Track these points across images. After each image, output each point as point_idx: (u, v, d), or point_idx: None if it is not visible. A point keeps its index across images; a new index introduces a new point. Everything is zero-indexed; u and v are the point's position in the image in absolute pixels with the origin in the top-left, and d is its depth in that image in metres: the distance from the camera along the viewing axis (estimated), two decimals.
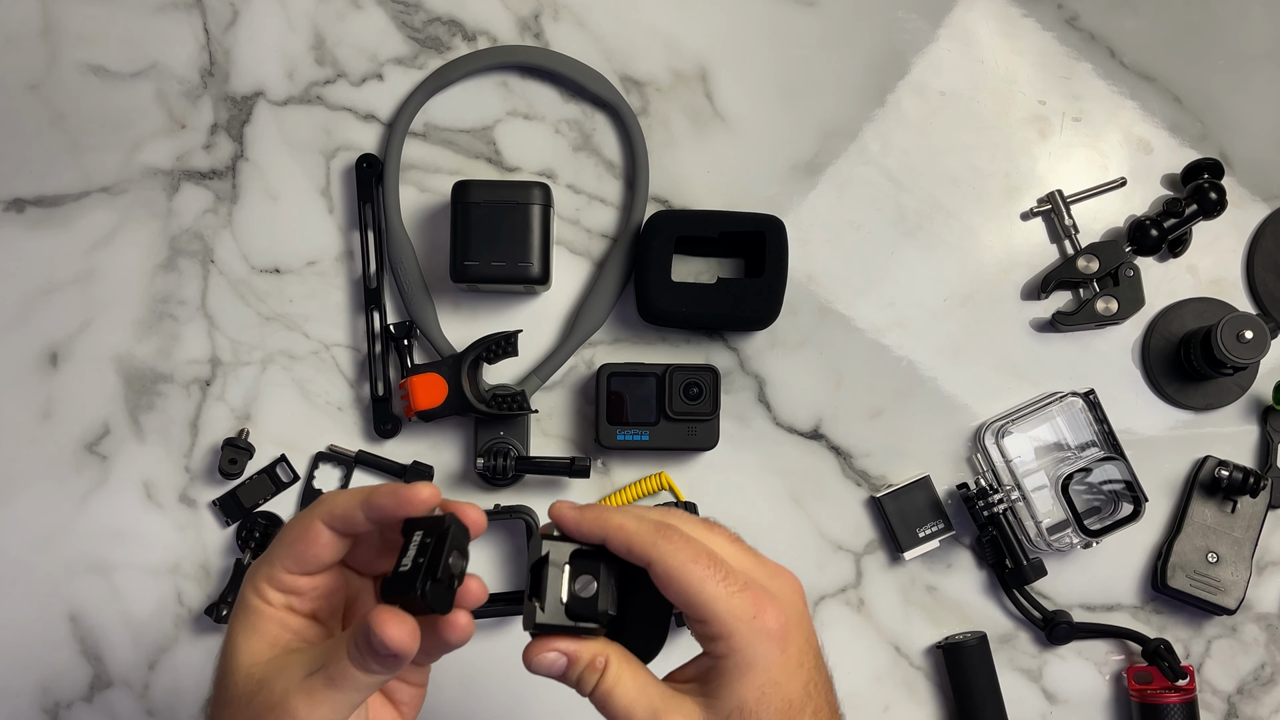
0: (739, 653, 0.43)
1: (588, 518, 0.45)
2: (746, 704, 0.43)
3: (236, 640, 0.44)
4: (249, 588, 0.45)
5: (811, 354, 0.81)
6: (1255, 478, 0.76)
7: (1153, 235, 0.78)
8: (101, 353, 0.79)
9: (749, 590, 0.43)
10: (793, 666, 0.43)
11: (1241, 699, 0.79)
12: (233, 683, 0.44)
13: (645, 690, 0.44)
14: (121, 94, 0.81)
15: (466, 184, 0.75)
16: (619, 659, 0.45)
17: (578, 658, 0.44)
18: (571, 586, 0.45)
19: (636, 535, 0.44)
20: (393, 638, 0.40)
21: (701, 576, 0.43)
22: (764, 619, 0.43)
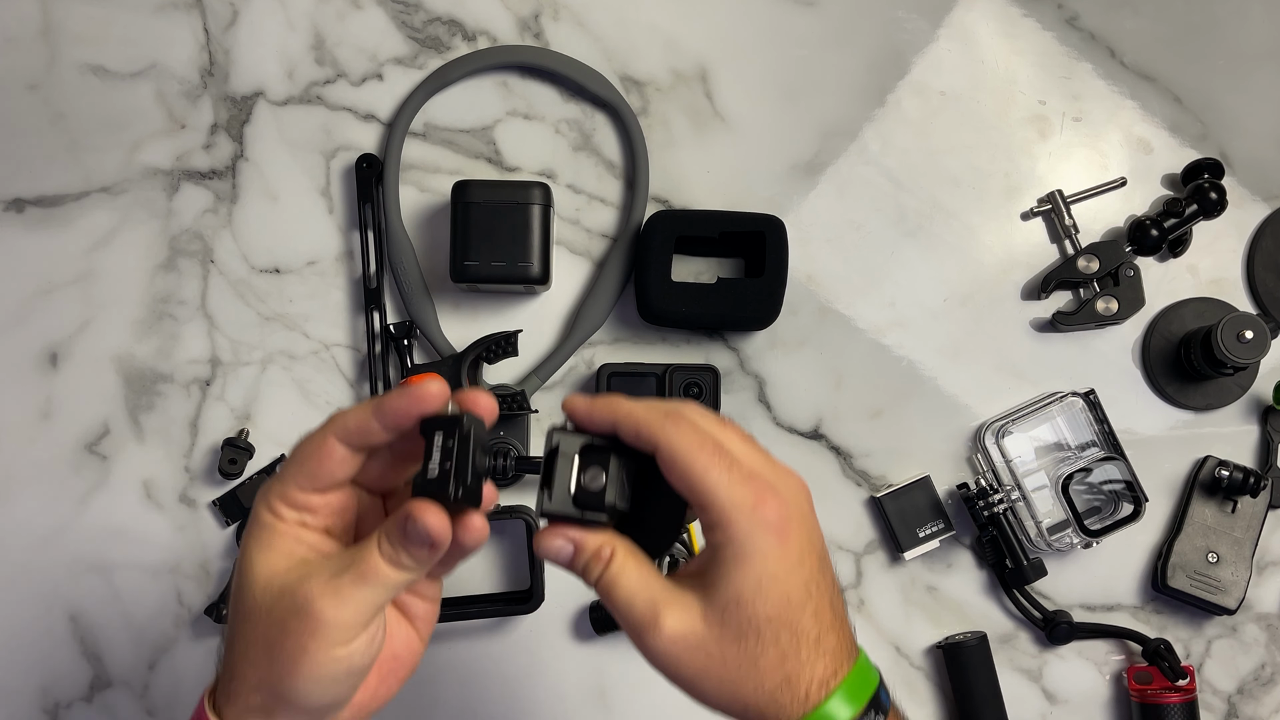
0: (736, 542, 0.43)
1: (598, 406, 0.45)
2: (743, 595, 0.42)
3: (252, 556, 0.44)
4: (262, 505, 0.45)
5: (811, 354, 0.81)
6: (1255, 478, 0.76)
7: (1153, 235, 0.78)
8: (101, 353, 0.79)
9: (752, 482, 0.43)
10: (792, 562, 0.43)
11: (1242, 699, 0.79)
12: (250, 596, 0.44)
13: (647, 582, 0.44)
14: (121, 94, 0.81)
15: (466, 184, 0.75)
16: (625, 551, 0.45)
17: (584, 546, 0.45)
18: (580, 478, 0.45)
19: (645, 420, 0.44)
20: (434, 525, 0.42)
21: (705, 464, 0.43)
22: (764, 510, 0.43)
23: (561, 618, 0.79)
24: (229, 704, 0.45)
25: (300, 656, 0.42)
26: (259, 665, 0.43)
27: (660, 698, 0.78)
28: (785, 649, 0.43)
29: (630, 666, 0.78)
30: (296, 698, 0.43)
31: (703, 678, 0.44)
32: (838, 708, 0.43)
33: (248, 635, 0.44)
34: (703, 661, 0.43)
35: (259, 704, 0.44)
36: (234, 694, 0.44)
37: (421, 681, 0.78)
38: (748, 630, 0.43)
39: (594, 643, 0.79)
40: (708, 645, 0.43)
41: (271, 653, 0.43)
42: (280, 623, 0.43)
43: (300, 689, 0.43)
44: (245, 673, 0.44)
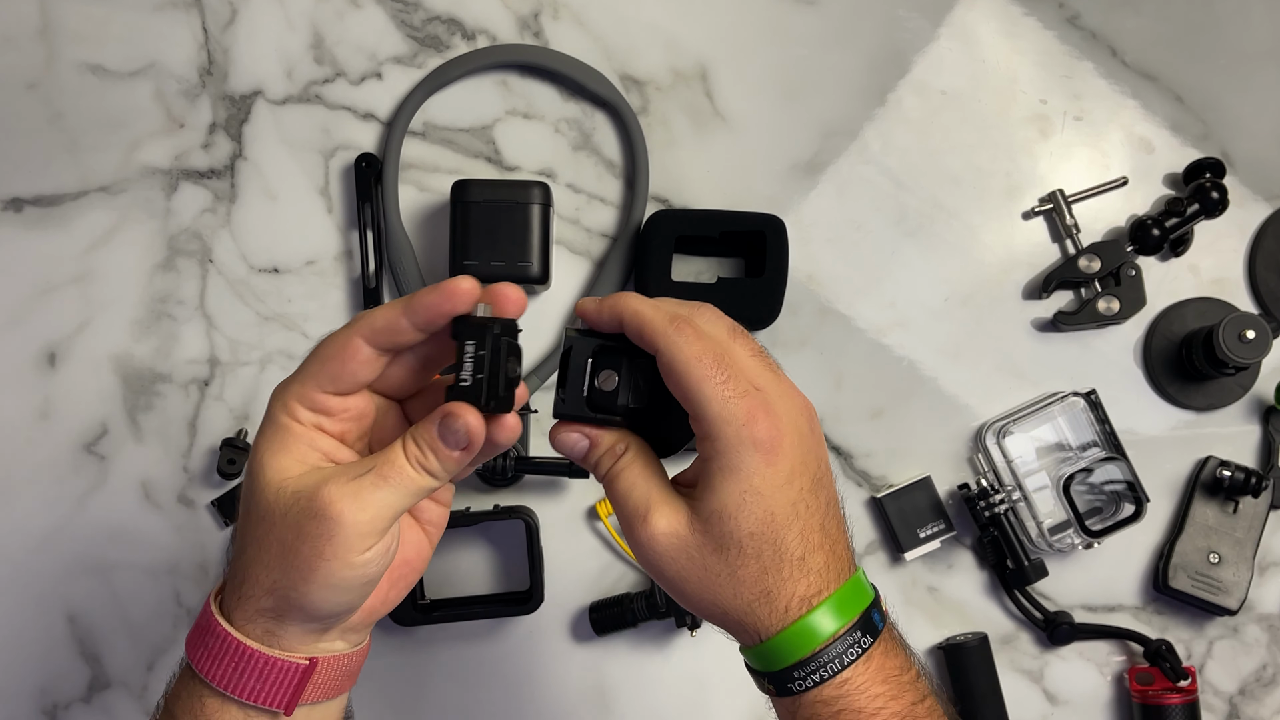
0: (723, 456, 0.43)
1: (606, 305, 0.45)
2: (726, 508, 0.43)
3: (264, 458, 0.44)
4: (277, 405, 0.44)
5: (812, 354, 0.80)
6: (1257, 478, 0.76)
7: (1154, 235, 0.78)
8: (100, 353, 0.79)
9: (747, 398, 0.43)
10: (780, 480, 0.43)
11: (1243, 700, 0.79)
12: (263, 499, 0.43)
13: (647, 482, 0.45)
14: (120, 93, 0.81)
15: (466, 183, 0.75)
16: (636, 450, 0.46)
17: (598, 442, 0.47)
18: (593, 379, 0.46)
19: (649, 322, 0.44)
20: (473, 425, 0.42)
21: (701, 375, 0.43)
22: (754, 428, 0.43)
23: (561, 618, 0.79)
24: (238, 606, 0.44)
25: (316, 562, 0.42)
26: (271, 569, 0.43)
27: (659, 698, 0.78)
28: (766, 564, 0.43)
29: (630, 667, 0.78)
30: (309, 604, 0.43)
31: (684, 579, 0.45)
32: (821, 621, 0.44)
33: (260, 538, 0.43)
34: (684, 564, 0.44)
35: (269, 607, 0.44)
36: (244, 596, 0.44)
37: (421, 682, 0.78)
38: (728, 542, 0.43)
39: (594, 643, 0.79)
40: (689, 550, 0.44)
41: (286, 557, 0.42)
42: (296, 527, 0.42)
43: (314, 595, 0.43)
44: (257, 575, 0.44)
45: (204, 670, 0.44)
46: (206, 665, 0.44)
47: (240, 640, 0.44)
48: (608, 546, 0.79)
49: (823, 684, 0.44)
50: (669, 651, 0.78)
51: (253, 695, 0.44)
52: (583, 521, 0.79)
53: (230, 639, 0.44)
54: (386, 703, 0.78)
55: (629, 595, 0.77)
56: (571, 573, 0.78)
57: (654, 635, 0.78)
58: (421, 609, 0.75)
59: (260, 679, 0.44)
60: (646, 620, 0.76)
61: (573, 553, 0.79)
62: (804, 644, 0.44)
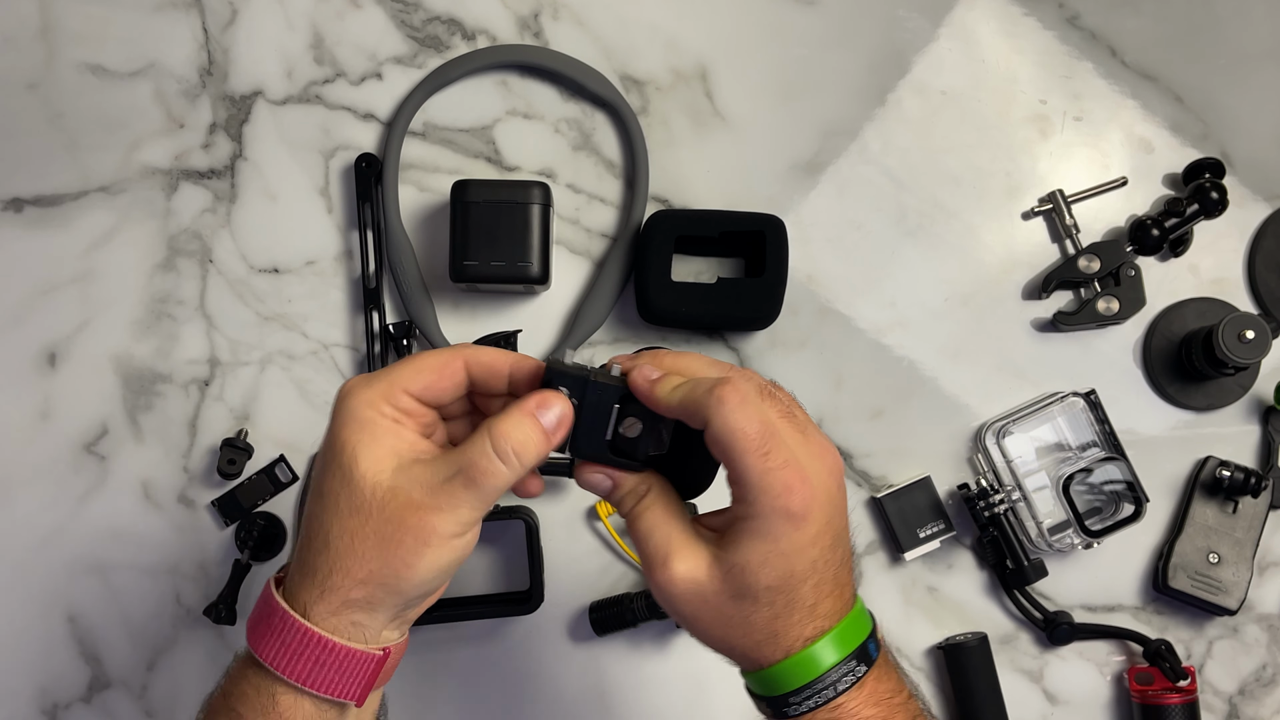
0: (756, 520, 0.45)
1: (659, 393, 0.47)
2: (749, 564, 0.45)
3: (356, 450, 0.45)
4: (358, 402, 0.46)
5: (812, 354, 0.81)
6: (1256, 478, 0.76)
7: (1154, 235, 0.78)
8: (100, 353, 0.79)
9: (786, 469, 0.45)
10: (804, 544, 0.45)
11: (1243, 700, 0.79)
12: (358, 491, 0.45)
13: (667, 525, 0.47)
14: (120, 93, 0.81)
15: (466, 183, 0.75)
16: (659, 492, 0.49)
17: (621, 483, 0.49)
18: (616, 426, 0.48)
19: (693, 398, 0.46)
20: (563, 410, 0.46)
21: (744, 448, 0.44)
22: (789, 499, 0.45)
23: (561, 619, 0.79)
24: (321, 599, 0.45)
25: (422, 550, 0.44)
26: (368, 559, 0.45)
27: (659, 698, 0.78)
28: (778, 611, 0.46)
29: (630, 667, 0.78)
30: (410, 589, 0.46)
31: (696, 620, 0.47)
32: (822, 654, 0.46)
33: (354, 530, 0.45)
34: (699, 607, 0.47)
35: (361, 597, 0.45)
36: (331, 588, 0.45)
37: (421, 682, 0.78)
38: (745, 593, 0.46)
39: (594, 644, 0.79)
40: (706, 595, 0.46)
41: (387, 548, 0.44)
42: (398, 519, 0.44)
43: (417, 580, 0.45)
44: (349, 567, 0.45)
45: (280, 666, 0.45)
46: (283, 660, 0.45)
47: (321, 635, 0.45)
48: (608, 546, 0.79)
49: (818, 709, 0.46)
50: (669, 651, 0.78)
51: (331, 688, 0.46)
52: (583, 521, 0.79)
53: (311, 634, 0.45)
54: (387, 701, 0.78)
55: (629, 595, 0.77)
56: (571, 573, 0.79)
57: (654, 635, 0.78)
58: None
59: (340, 671, 0.46)
60: (646, 620, 0.76)
61: (573, 553, 0.79)
62: (803, 674, 0.46)
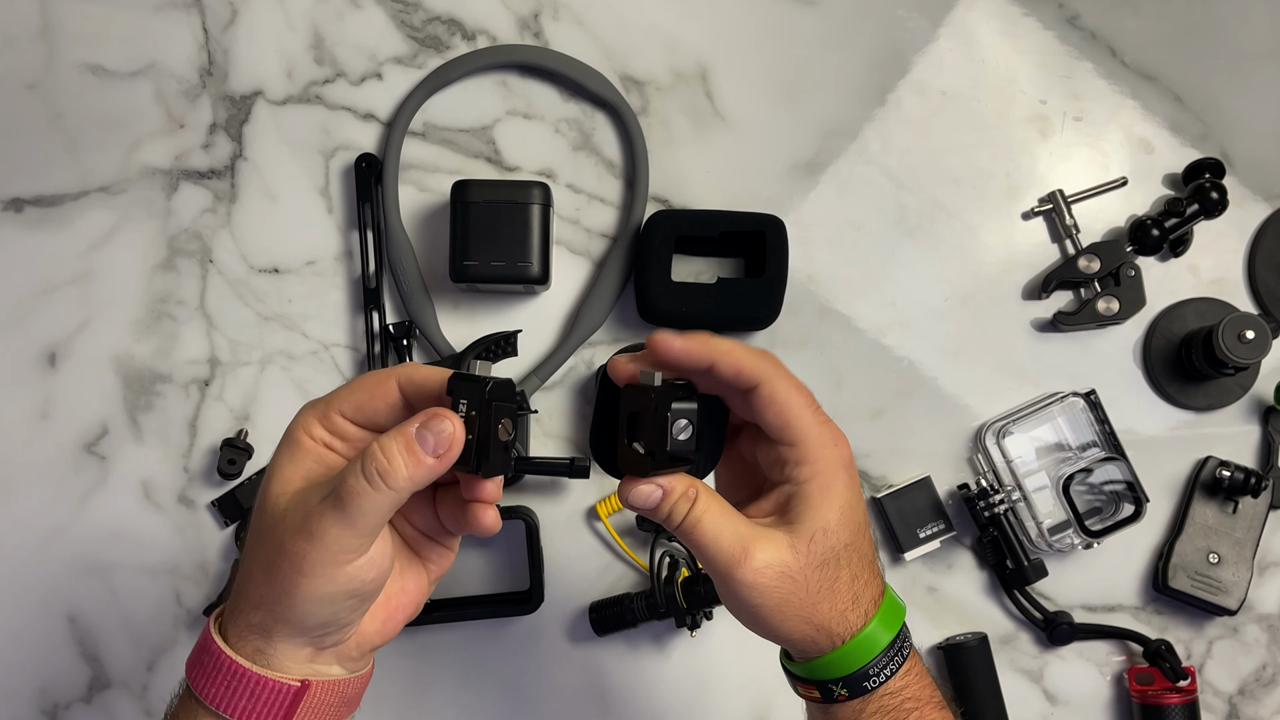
0: (822, 476, 0.46)
1: (695, 346, 0.46)
2: (830, 523, 0.46)
3: (273, 472, 0.45)
4: (297, 424, 0.46)
5: (812, 354, 0.81)
6: (1256, 478, 0.76)
7: (1154, 235, 0.78)
8: (100, 353, 0.79)
9: (829, 425, 0.47)
10: (857, 496, 0.47)
11: (1243, 700, 0.79)
12: (263, 513, 0.44)
13: (732, 520, 0.47)
14: (120, 93, 0.81)
15: (466, 183, 0.75)
16: (705, 493, 0.48)
17: (672, 490, 0.47)
18: (671, 431, 0.46)
19: (746, 359, 0.46)
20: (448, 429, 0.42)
21: (800, 404, 0.46)
22: (842, 449, 0.47)
23: (561, 619, 0.79)
24: (231, 623, 0.45)
25: (298, 578, 0.42)
26: (259, 583, 0.44)
27: (659, 698, 0.78)
28: (855, 570, 0.47)
29: (630, 667, 0.78)
30: (293, 616, 0.43)
31: (784, 604, 0.46)
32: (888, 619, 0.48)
33: (255, 551, 0.44)
34: (788, 588, 0.46)
35: (258, 622, 0.44)
36: (237, 612, 0.45)
37: (421, 683, 0.78)
38: (829, 557, 0.46)
39: (594, 644, 0.79)
40: (793, 572, 0.46)
41: (271, 570, 0.43)
42: (280, 540, 0.43)
43: (299, 608, 0.43)
44: (248, 590, 0.44)
45: (199, 689, 0.45)
46: (201, 683, 0.45)
47: (231, 658, 0.44)
48: (608, 547, 0.79)
49: (893, 676, 0.47)
50: (669, 651, 0.78)
51: (245, 716, 0.44)
52: (583, 521, 0.79)
53: (223, 656, 0.44)
54: (387, 702, 0.78)
55: (629, 595, 0.77)
56: (571, 573, 0.79)
57: (654, 635, 0.78)
58: (422, 609, 0.75)
59: (252, 699, 0.44)
60: (646, 620, 0.76)
61: (573, 553, 0.79)
62: (878, 641, 0.47)
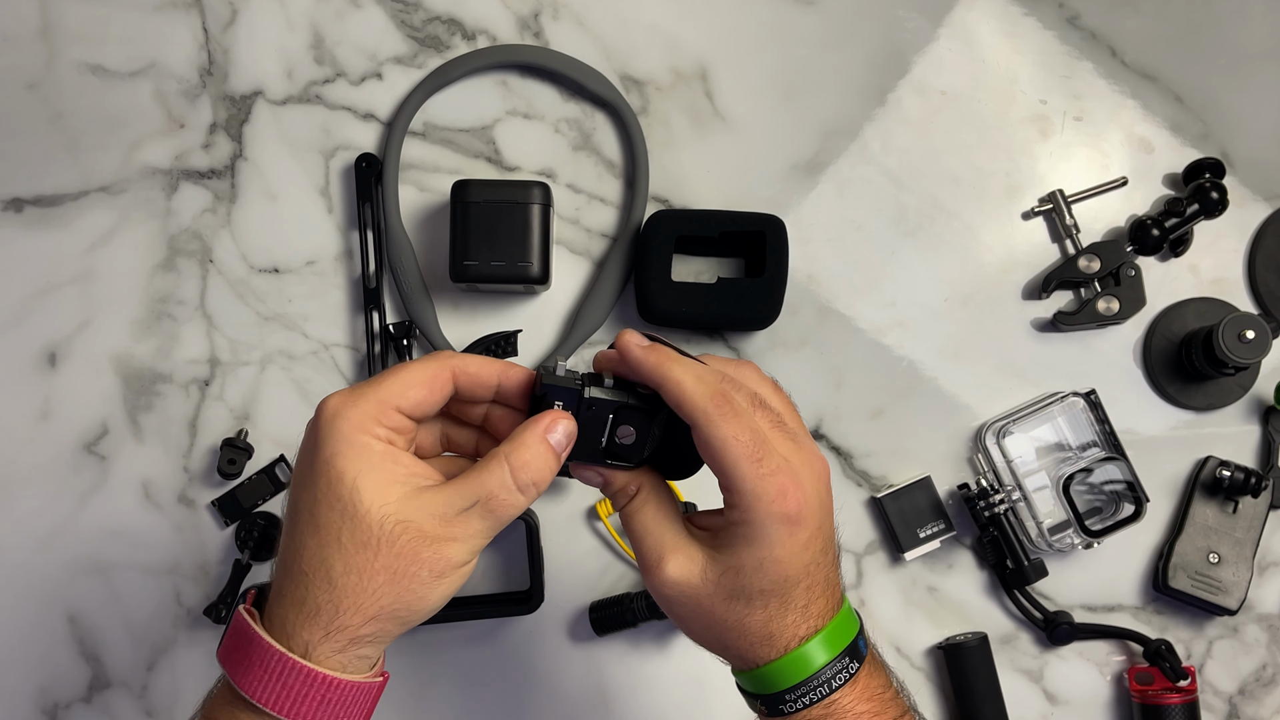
0: (751, 525, 0.45)
1: (650, 361, 0.46)
2: (745, 567, 0.46)
3: (357, 482, 0.44)
4: (349, 425, 0.45)
5: (812, 354, 0.80)
6: (1257, 478, 0.76)
7: (1154, 235, 0.78)
8: (100, 353, 0.79)
9: (779, 475, 0.45)
10: (797, 548, 0.46)
11: (1243, 700, 0.79)
12: (364, 524, 0.44)
13: (660, 527, 0.48)
14: (120, 93, 0.81)
15: (466, 183, 0.75)
16: (650, 489, 0.49)
17: (612, 481, 0.50)
18: (612, 434, 0.48)
19: (690, 396, 0.45)
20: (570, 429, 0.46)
21: (737, 455, 0.44)
22: (784, 503, 0.45)
23: (561, 619, 0.79)
24: (329, 638, 0.44)
25: (437, 583, 0.44)
26: (381, 596, 0.44)
27: (659, 698, 0.78)
28: (772, 614, 0.46)
29: (630, 667, 0.78)
30: (420, 618, 0.46)
31: (690, 620, 0.48)
32: (815, 653, 0.47)
33: (362, 566, 0.44)
34: (692, 608, 0.47)
35: (373, 632, 0.45)
36: (339, 627, 0.44)
37: (421, 683, 0.78)
38: (739, 595, 0.46)
39: (594, 644, 0.79)
40: (699, 597, 0.46)
41: (399, 582, 0.44)
42: (411, 553, 0.44)
43: (429, 611, 0.45)
44: (361, 604, 0.44)
45: (283, 709, 0.44)
46: (286, 703, 0.44)
47: (328, 675, 0.44)
48: (608, 546, 0.79)
49: (812, 705, 0.46)
50: (669, 651, 0.78)
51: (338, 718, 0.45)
52: (583, 521, 0.79)
53: (317, 675, 0.44)
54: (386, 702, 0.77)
55: (629, 595, 0.77)
56: (571, 573, 0.78)
57: (654, 635, 0.78)
58: None
59: (345, 706, 0.45)
60: (646, 620, 0.76)
61: (573, 553, 0.79)
62: (798, 672, 0.46)
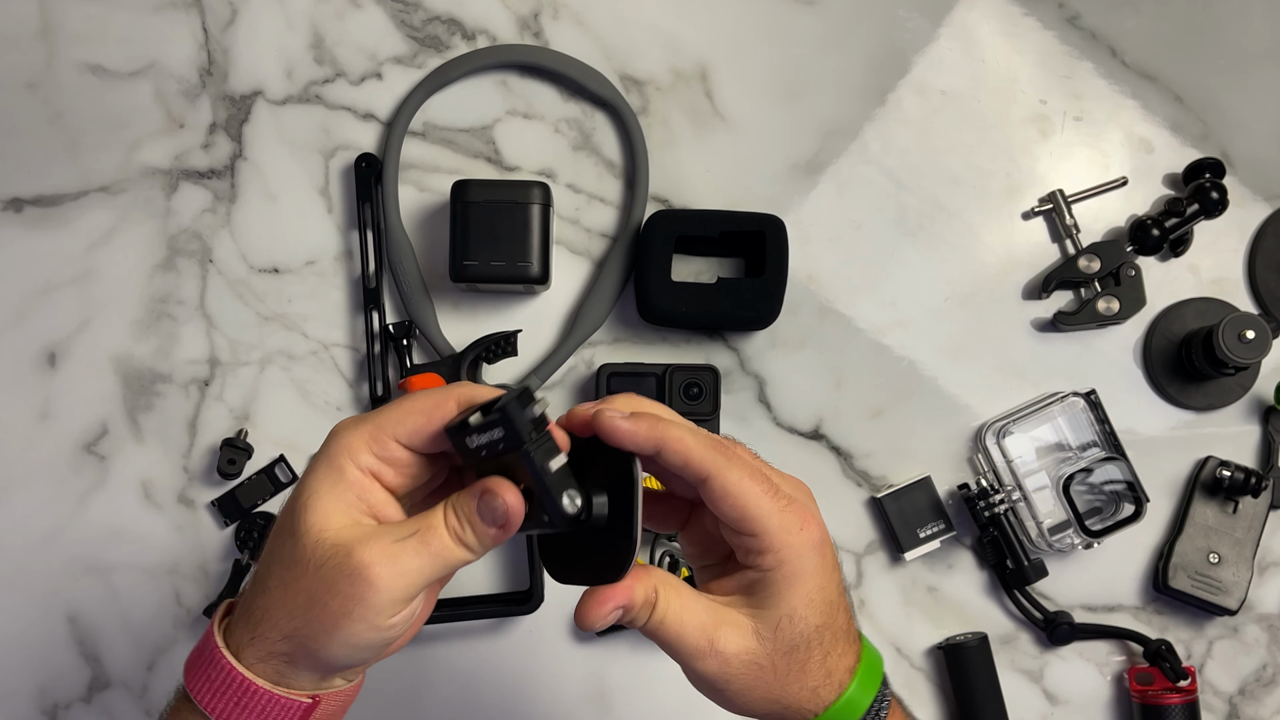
0: (789, 564, 0.44)
1: (643, 432, 0.44)
2: (796, 610, 0.44)
3: (310, 499, 0.43)
4: (339, 446, 0.43)
5: (812, 354, 0.80)
6: (1257, 478, 0.76)
7: (1154, 235, 0.78)
8: (100, 353, 0.79)
9: (793, 505, 0.44)
10: (830, 570, 0.46)
11: (1243, 700, 0.79)
12: (302, 543, 0.42)
13: (694, 611, 0.45)
14: (120, 93, 0.81)
15: (466, 183, 0.75)
16: (665, 586, 0.45)
17: (633, 603, 0.44)
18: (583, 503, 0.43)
19: (696, 450, 0.44)
20: (511, 504, 0.41)
21: (756, 493, 0.44)
22: (809, 531, 0.44)
23: (561, 618, 0.79)
24: (250, 645, 0.44)
25: (343, 620, 0.42)
26: (294, 616, 0.43)
27: (660, 699, 0.78)
28: (828, 649, 0.45)
29: (630, 667, 0.78)
30: (326, 657, 0.43)
31: (751, 689, 0.45)
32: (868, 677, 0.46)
33: (287, 583, 0.43)
34: (755, 676, 0.45)
35: (284, 651, 0.44)
36: (260, 636, 0.44)
37: (421, 683, 0.78)
38: (799, 642, 0.45)
39: (593, 643, 0.79)
40: (760, 660, 0.44)
41: (312, 608, 0.42)
42: (329, 581, 0.42)
43: (333, 651, 0.43)
44: (277, 619, 0.43)
45: (204, 703, 0.44)
46: (207, 698, 0.44)
47: (245, 676, 0.44)
48: None
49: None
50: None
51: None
52: None
53: (235, 674, 0.44)
54: (386, 702, 0.78)
55: None
56: None
57: None
58: None
59: (262, 715, 0.44)
60: None
61: None
62: (857, 707, 0.46)
